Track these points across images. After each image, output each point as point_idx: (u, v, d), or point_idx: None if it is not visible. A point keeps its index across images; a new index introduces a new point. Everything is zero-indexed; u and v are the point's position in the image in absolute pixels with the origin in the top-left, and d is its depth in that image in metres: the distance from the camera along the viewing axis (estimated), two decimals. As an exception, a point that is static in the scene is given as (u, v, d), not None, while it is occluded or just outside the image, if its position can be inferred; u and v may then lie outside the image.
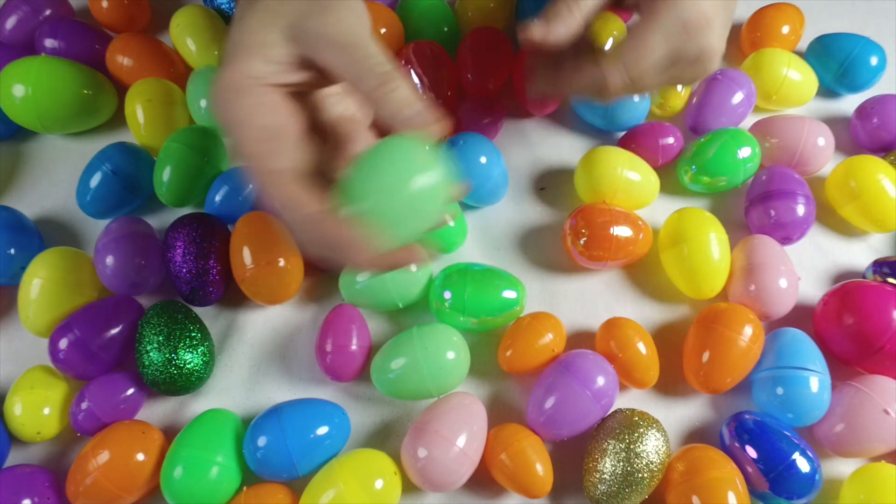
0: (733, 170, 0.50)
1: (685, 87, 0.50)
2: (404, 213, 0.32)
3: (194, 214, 0.47)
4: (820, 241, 0.51)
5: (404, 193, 0.31)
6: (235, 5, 0.44)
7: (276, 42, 0.33)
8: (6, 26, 0.58)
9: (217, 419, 0.43)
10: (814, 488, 0.40)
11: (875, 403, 0.41)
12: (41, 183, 0.54)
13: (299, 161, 0.34)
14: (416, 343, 0.42)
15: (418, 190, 0.31)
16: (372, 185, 0.32)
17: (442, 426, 0.40)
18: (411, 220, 0.33)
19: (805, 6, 0.59)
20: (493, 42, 0.55)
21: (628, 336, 0.44)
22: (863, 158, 0.50)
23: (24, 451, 0.44)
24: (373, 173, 0.32)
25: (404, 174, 0.31)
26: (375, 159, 0.32)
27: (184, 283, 0.46)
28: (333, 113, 0.39)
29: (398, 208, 0.32)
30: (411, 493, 0.42)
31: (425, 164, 0.32)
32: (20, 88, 0.50)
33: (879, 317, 0.43)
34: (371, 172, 0.32)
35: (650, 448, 0.40)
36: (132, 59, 0.55)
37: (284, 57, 0.33)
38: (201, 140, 0.50)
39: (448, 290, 0.45)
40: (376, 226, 0.31)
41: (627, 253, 0.47)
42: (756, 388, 0.44)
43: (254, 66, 0.33)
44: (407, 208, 0.32)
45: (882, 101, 0.53)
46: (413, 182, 0.31)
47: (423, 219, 0.33)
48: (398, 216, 0.32)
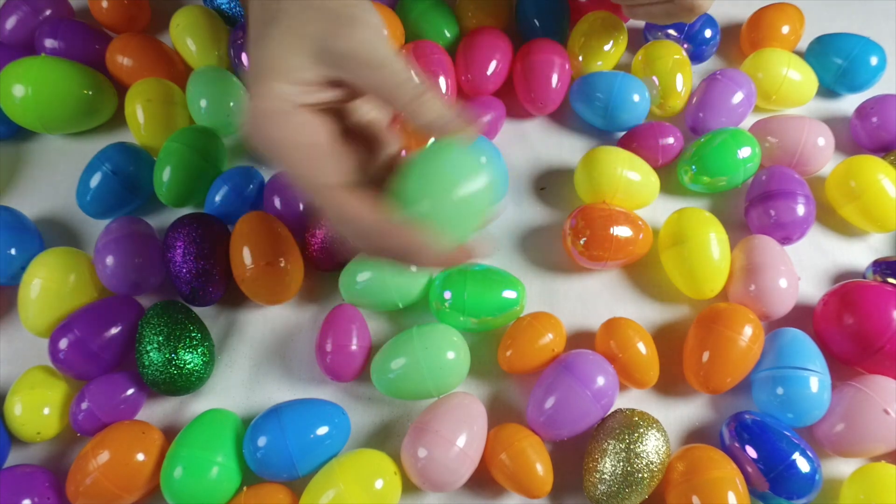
0: (733, 170, 0.50)
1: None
2: (458, 214, 0.34)
3: (194, 214, 0.47)
4: (820, 241, 0.51)
5: (457, 196, 0.33)
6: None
7: (303, 65, 0.33)
8: (6, 26, 0.58)
9: (217, 419, 0.43)
10: (814, 488, 0.40)
11: (875, 403, 0.41)
12: (41, 183, 0.54)
13: (345, 173, 0.35)
14: (416, 343, 0.42)
15: (469, 192, 0.33)
16: (426, 189, 0.33)
17: (442, 426, 0.40)
18: (465, 220, 0.34)
19: (805, 6, 0.59)
20: (493, 42, 0.55)
21: (628, 336, 0.44)
22: (863, 158, 0.50)
23: (24, 451, 0.44)
24: (426, 178, 0.34)
25: (456, 178, 0.33)
26: (426, 165, 0.34)
27: (184, 283, 0.46)
28: (360, 118, 0.39)
29: (453, 210, 0.33)
30: (411, 493, 0.42)
31: (473, 167, 0.34)
32: (20, 88, 0.50)
33: (879, 317, 0.43)
34: (424, 177, 0.34)
35: (650, 448, 0.40)
36: (132, 59, 0.55)
37: (313, 79, 0.34)
38: (201, 140, 0.50)
39: (448, 290, 0.45)
40: (434, 228, 0.33)
41: (627, 253, 0.47)
42: (756, 388, 0.44)
43: (284, 90, 0.33)
44: (460, 209, 0.34)
45: (882, 101, 0.53)
46: (464, 185, 0.33)
47: (474, 218, 0.35)
48: (453, 217, 0.34)
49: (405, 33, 0.57)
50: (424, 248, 0.33)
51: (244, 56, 0.54)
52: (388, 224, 0.33)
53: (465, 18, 0.58)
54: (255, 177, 0.51)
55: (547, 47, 0.55)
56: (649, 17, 0.50)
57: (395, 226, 0.33)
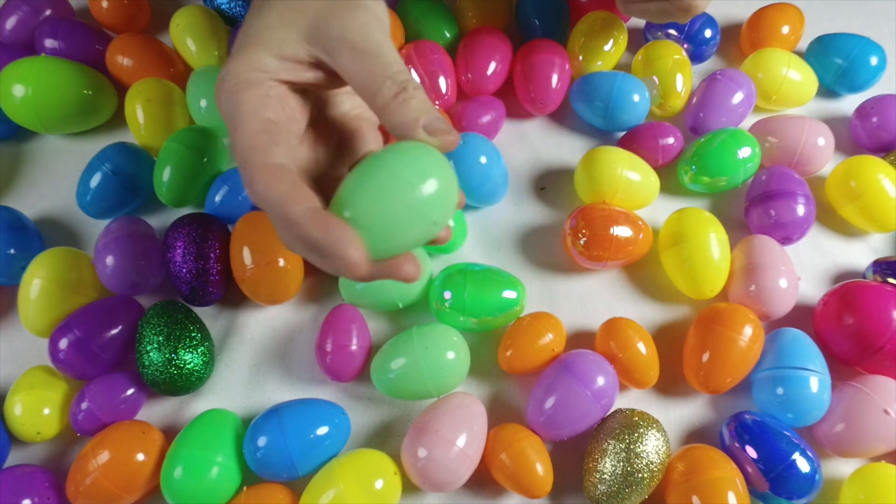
0: (733, 170, 0.50)
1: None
2: (396, 223, 0.30)
3: (194, 214, 0.47)
4: (820, 241, 0.51)
5: (399, 202, 0.29)
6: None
7: (293, 40, 0.33)
8: (6, 26, 0.58)
9: (217, 419, 0.43)
10: (814, 488, 0.40)
11: (875, 403, 0.41)
12: (41, 183, 0.54)
13: (299, 159, 0.33)
14: (416, 343, 0.42)
15: (414, 200, 0.30)
16: (365, 190, 0.30)
17: (442, 426, 0.40)
18: (403, 231, 0.30)
19: (805, 6, 0.59)
20: (493, 42, 0.55)
21: (628, 336, 0.44)
22: (863, 158, 0.50)
23: (24, 451, 0.44)
24: (368, 179, 0.30)
25: (401, 182, 0.30)
26: (375, 164, 0.30)
27: (184, 283, 0.46)
28: (342, 109, 0.38)
29: (390, 217, 0.29)
30: (411, 493, 0.42)
31: (425, 174, 0.30)
32: (20, 88, 0.50)
33: (879, 317, 0.43)
34: (367, 178, 0.30)
35: (650, 448, 0.40)
36: (132, 59, 0.55)
37: (299, 56, 0.33)
38: (201, 140, 0.50)
39: (448, 290, 0.45)
40: (365, 233, 0.29)
41: (627, 253, 0.47)
42: (756, 388, 0.44)
43: (264, 60, 0.32)
44: (400, 218, 0.30)
45: (882, 101, 0.53)
46: (410, 191, 0.29)
47: (416, 230, 0.31)
48: (389, 225, 0.30)
49: (405, 33, 0.57)
50: (343, 251, 0.28)
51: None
52: (311, 216, 0.29)
53: (465, 18, 0.58)
54: (255, 177, 0.51)
55: (547, 47, 0.55)
56: (645, 15, 0.49)
57: (318, 219, 0.29)
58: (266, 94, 0.32)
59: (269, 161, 0.31)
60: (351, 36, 0.32)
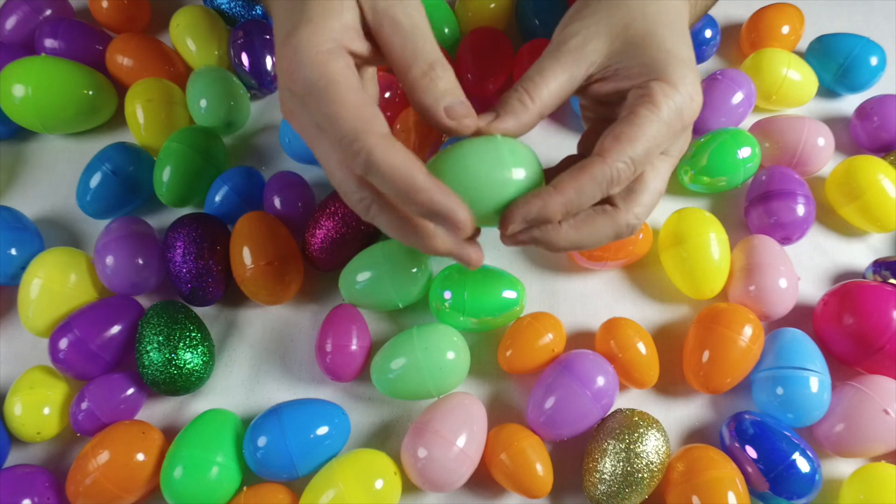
0: (733, 170, 0.50)
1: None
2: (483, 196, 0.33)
3: (194, 214, 0.47)
4: (820, 241, 0.51)
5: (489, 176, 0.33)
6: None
7: (349, 6, 0.33)
8: (6, 26, 0.58)
9: (217, 419, 0.43)
10: (814, 488, 0.40)
11: (875, 403, 0.41)
12: (41, 183, 0.54)
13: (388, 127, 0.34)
14: (416, 343, 0.42)
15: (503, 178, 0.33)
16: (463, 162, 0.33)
17: (442, 426, 0.40)
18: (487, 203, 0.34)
19: (805, 6, 0.59)
20: (493, 42, 0.55)
21: (628, 336, 0.44)
22: (863, 158, 0.50)
23: (24, 451, 0.44)
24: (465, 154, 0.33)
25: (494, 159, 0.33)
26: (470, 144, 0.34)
27: (184, 283, 0.46)
28: (371, 91, 0.39)
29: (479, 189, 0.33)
30: (411, 493, 0.42)
31: (517, 158, 0.34)
32: (20, 88, 0.50)
33: (879, 317, 0.43)
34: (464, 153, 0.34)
35: (650, 448, 0.40)
36: (132, 59, 0.55)
37: (355, 22, 0.34)
38: (201, 140, 0.50)
39: (448, 290, 0.45)
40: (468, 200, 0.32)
41: (627, 253, 0.47)
42: (756, 388, 0.44)
43: (335, 28, 0.33)
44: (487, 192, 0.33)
45: (882, 101, 0.53)
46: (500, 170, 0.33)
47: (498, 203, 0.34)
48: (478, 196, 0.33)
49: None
50: (456, 212, 0.31)
51: (244, 56, 0.54)
52: (431, 181, 0.31)
53: (465, 18, 0.58)
54: (255, 177, 0.51)
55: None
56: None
57: (437, 183, 0.31)
58: (349, 65, 0.33)
59: (382, 131, 0.31)
60: (394, 11, 0.33)
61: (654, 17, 0.36)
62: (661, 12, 0.37)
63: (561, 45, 0.36)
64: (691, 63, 0.36)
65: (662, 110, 0.34)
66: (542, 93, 0.35)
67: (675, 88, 0.34)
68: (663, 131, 0.34)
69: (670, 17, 0.37)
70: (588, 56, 0.36)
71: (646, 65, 0.35)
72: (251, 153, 0.55)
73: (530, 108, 0.35)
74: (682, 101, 0.34)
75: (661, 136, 0.34)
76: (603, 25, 0.36)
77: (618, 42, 0.36)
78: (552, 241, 0.35)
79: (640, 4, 0.37)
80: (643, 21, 0.36)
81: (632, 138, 0.33)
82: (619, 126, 0.34)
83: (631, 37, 0.36)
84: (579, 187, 0.33)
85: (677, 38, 0.36)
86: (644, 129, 0.33)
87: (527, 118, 0.35)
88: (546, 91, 0.35)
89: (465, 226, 0.32)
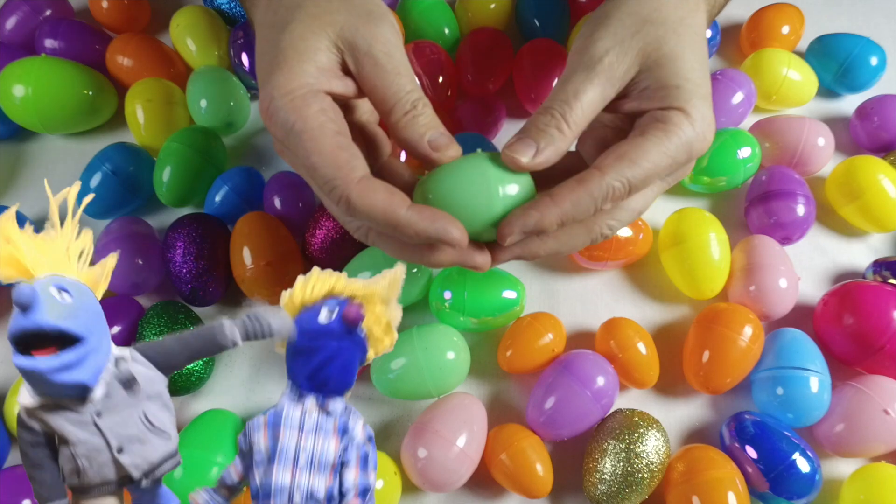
0: (733, 170, 0.50)
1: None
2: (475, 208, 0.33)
3: (194, 214, 0.47)
4: (820, 241, 0.51)
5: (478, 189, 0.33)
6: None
7: (325, 48, 0.34)
8: (6, 26, 0.58)
9: (217, 419, 0.43)
10: (814, 488, 0.40)
11: (875, 403, 0.41)
12: (41, 183, 0.54)
13: (365, 166, 0.34)
14: (416, 343, 0.42)
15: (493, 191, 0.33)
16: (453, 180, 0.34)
17: (442, 426, 0.40)
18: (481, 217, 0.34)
19: (805, 6, 0.59)
20: (493, 42, 0.55)
21: (628, 336, 0.44)
22: (863, 158, 0.50)
23: (24, 451, 0.44)
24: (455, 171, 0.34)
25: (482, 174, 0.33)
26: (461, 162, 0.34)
27: (184, 283, 0.46)
28: (363, 117, 0.39)
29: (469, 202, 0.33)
30: (411, 493, 0.42)
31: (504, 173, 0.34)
32: (20, 88, 0.50)
33: (879, 317, 0.43)
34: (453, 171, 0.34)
35: (650, 448, 0.40)
36: (132, 59, 0.55)
37: (332, 65, 0.34)
38: (201, 140, 0.50)
39: (448, 290, 0.45)
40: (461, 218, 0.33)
41: (627, 253, 0.47)
42: (756, 388, 0.44)
43: (308, 71, 0.33)
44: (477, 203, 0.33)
45: (882, 101, 0.53)
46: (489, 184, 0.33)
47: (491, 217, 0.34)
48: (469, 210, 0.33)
49: (405, 33, 0.57)
50: (448, 232, 0.32)
51: (244, 56, 0.54)
52: (414, 214, 0.32)
53: (465, 18, 0.58)
54: (255, 177, 0.51)
55: (547, 47, 0.55)
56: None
57: (420, 214, 0.32)
58: (324, 108, 0.33)
59: (357, 175, 0.32)
60: (375, 52, 0.34)
61: (683, 41, 0.36)
62: (688, 34, 0.36)
63: (593, 62, 0.35)
64: (709, 96, 0.36)
65: (672, 141, 0.34)
66: (577, 116, 0.34)
67: (691, 124, 0.34)
68: (667, 162, 0.34)
69: (696, 39, 0.36)
70: (621, 77, 0.35)
71: (669, 92, 0.35)
72: (251, 153, 0.55)
73: (567, 135, 0.34)
74: (693, 137, 0.34)
75: (663, 166, 0.34)
76: (636, 43, 0.35)
77: (648, 62, 0.35)
78: (535, 252, 0.36)
79: (673, 23, 0.36)
80: (675, 44, 0.35)
81: (634, 161, 0.33)
82: (626, 146, 0.34)
83: (660, 59, 0.35)
84: (576, 200, 0.33)
85: (702, 66, 0.36)
86: (649, 156, 0.33)
87: (564, 146, 0.35)
88: (581, 113, 0.34)
89: (460, 242, 0.32)
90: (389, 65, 0.34)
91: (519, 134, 0.34)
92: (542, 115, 0.34)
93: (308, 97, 0.33)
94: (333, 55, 0.34)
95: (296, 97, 0.33)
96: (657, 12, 0.36)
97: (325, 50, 0.34)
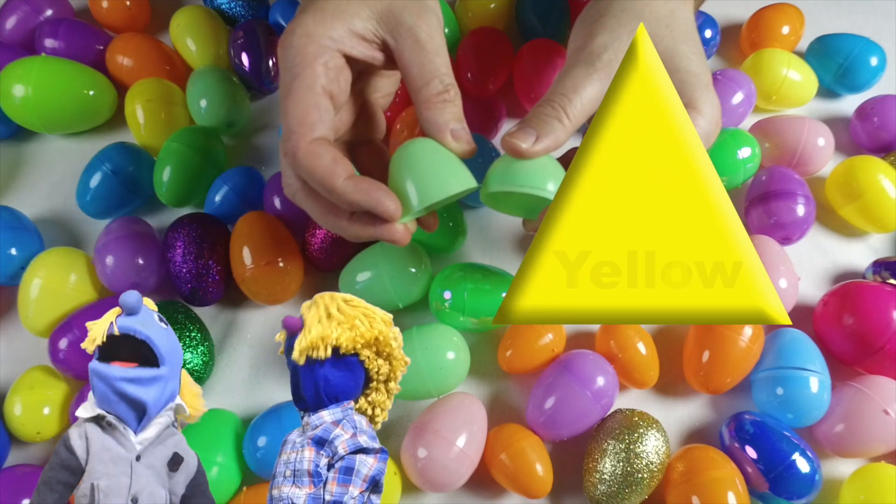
0: (733, 170, 0.50)
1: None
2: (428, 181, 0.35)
3: (194, 214, 0.47)
4: (820, 241, 0.51)
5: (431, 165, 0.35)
6: None
7: (365, 16, 0.35)
8: (6, 26, 0.58)
9: (217, 419, 0.43)
10: (814, 488, 0.40)
11: (875, 403, 0.41)
12: (41, 183, 0.54)
13: (335, 124, 0.35)
14: (416, 343, 0.42)
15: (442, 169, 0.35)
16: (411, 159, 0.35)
17: (442, 426, 0.40)
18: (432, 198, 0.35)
19: (805, 6, 0.59)
20: (493, 42, 0.55)
21: (628, 336, 0.44)
22: (863, 158, 0.50)
23: (24, 451, 0.44)
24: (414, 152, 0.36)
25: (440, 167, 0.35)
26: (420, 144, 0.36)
27: (184, 283, 0.46)
28: (375, 95, 0.41)
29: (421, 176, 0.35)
30: (411, 493, 0.42)
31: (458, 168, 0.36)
32: (20, 88, 0.50)
33: (879, 317, 0.42)
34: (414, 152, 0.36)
35: (650, 448, 0.40)
36: (132, 59, 0.55)
37: (367, 33, 0.35)
38: (201, 140, 0.50)
39: (448, 290, 0.45)
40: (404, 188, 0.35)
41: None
42: (756, 388, 0.44)
43: (335, 29, 0.35)
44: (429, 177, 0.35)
45: (882, 102, 0.53)
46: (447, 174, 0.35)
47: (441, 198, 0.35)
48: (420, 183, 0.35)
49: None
50: (382, 203, 0.33)
51: (244, 56, 0.54)
52: (350, 185, 0.33)
53: (465, 18, 0.58)
54: (255, 177, 0.51)
55: (547, 47, 0.55)
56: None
57: (356, 185, 0.34)
58: (326, 65, 0.35)
59: (313, 135, 0.34)
60: (418, 31, 0.35)
61: (678, 35, 0.37)
62: (679, 27, 0.37)
63: (592, 58, 0.36)
64: (710, 83, 0.37)
65: None
66: (576, 109, 0.36)
67: (702, 115, 0.35)
68: None
69: (688, 30, 0.38)
70: None
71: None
72: (251, 153, 0.55)
73: (567, 126, 0.36)
74: (707, 128, 0.35)
75: None
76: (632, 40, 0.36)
77: None
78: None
79: (665, 18, 0.37)
80: (670, 39, 0.37)
81: None
82: None
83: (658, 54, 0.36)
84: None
85: (699, 56, 0.37)
86: None
87: (563, 137, 0.36)
88: (580, 107, 0.36)
89: (393, 215, 0.34)
90: (430, 45, 0.35)
91: (519, 123, 0.36)
92: (542, 106, 0.36)
93: (321, 50, 0.34)
94: (369, 26, 0.35)
95: (311, 42, 0.34)
96: (648, 8, 0.37)
97: (363, 18, 0.35)
